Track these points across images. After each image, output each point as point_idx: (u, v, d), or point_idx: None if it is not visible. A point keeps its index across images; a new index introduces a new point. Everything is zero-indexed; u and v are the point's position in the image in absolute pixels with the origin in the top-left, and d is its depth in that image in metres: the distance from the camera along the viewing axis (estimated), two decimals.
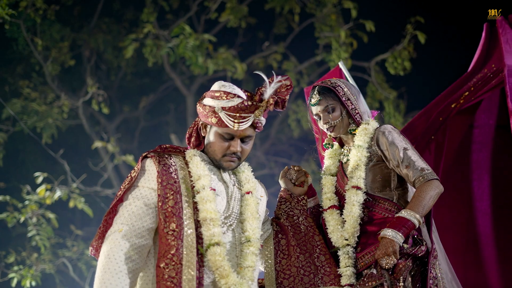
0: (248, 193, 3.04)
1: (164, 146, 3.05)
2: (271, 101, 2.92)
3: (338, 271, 3.28)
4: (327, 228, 3.44)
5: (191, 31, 8.18)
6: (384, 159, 3.41)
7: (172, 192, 2.84)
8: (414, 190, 3.34)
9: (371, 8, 9.76)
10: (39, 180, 8.06)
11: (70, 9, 10.38)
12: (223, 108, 2.89)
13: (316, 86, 3.57)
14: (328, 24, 9.22)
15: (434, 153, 4.25)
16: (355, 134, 3.49)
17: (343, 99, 3.48)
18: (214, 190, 2.91)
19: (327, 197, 3.51)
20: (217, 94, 2.93)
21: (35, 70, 10.03)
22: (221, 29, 10.43)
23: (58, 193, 8.18)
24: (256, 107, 2.92)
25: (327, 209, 3.48)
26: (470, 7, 9.17)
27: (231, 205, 2.99)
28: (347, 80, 4.26)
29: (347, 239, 3.33)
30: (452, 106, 4.16)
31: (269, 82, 2.94)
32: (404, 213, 3.21)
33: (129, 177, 2.92)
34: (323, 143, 3.67)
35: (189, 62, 8.48)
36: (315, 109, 3.55)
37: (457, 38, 9.73)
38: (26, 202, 8.29)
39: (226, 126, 2.92)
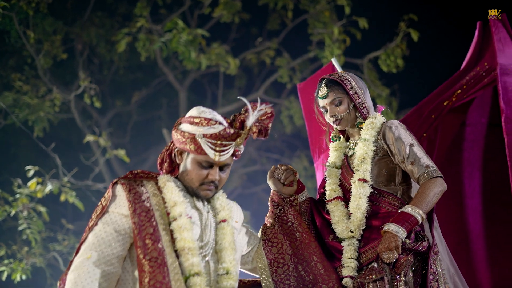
0: (223, 221, 2.93)
1: (135, 172, 2.93)
2: (255, 129, 2.82)
3: (341, 262, 3.29)
4: (331, 219, 3.45)
5: (184, 26, 8.16)
6: (390, 154, 3.43)
7: (147, 220, 2.72)
8: (418, 186, 3.35)
9: (365, 5, 9.76)
10: (30, 173, 8.03)
11: (63, 2, 10.34)
12: (204, 135, 2.77)
13: (324, 79, 3.56)
14: (321, 21, 9.23)
15: (426, 150, 4.27)
16: (361, 127, 3.49)
17: (351, 92, 3.48)
18: (191, 217, 2.81)
19: (332, 189, 3.52)
20: (197, 120, 2.80)
21: (27, 63, 9.99)
22: (215, 24, 10.42)
23: (49, 187, 8.15)
24: (238, 134, 2.80)
25: (332, 200, 3.49)
26: (463, 5, 9.20)
27: (206, 233, 2.88)
28: None
29: (352, 231, 3.34)
30: (445, 104, 4.17)
31: (252, 109, 2.83)
32: (408, 209, 3.22)
33: (100, 205, 2.81)
34: (331, 136, 3.67)
35: (182, 57, 8.46)
36: (322, 102, 3.55)
37: (450, 36, 9.75)
38: (17, 196, 8.25)
39: (205, 154, 2.79)
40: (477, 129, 4.63)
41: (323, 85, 3.53)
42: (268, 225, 3.34)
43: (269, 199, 3.48)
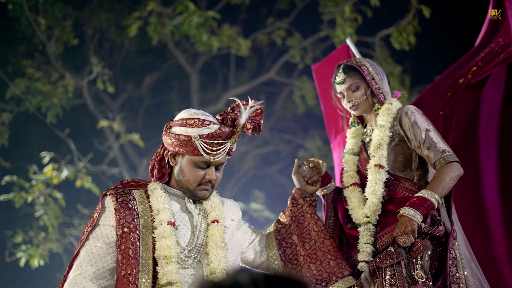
0: (214, 221, 2.93)
1: (126, 181, 2.97)
2: (249, 125, 2.86)
3: (358, 247, 3.29)
4: (348, 205, 3.46)
5: (195, 9, 8.13)
6: (406, 140, 3.43)
7: (129, 231, 2.75)
8: (434, 171, 3.35)
9: None
10: (46, 160, 8.08)
11: None
12: (200, 136, 2.80)
13: (341, 65, 3.56)
14: (332, 0, 9.16)
15: (442, 128, 4.25)
16: (378, 113, 3.49)
17: (368, 78, 3.48)
18: (173, 224, 2.82)
19: (349, 175, 3.53)
20: (190, 122, 2.83)
21: (38, 49, 10.01)
22: (224, 6, 10.38)
23: (65, 173, 8.20)
24: (232, 133, 2.85)
25: (349, 186, 3.50)
26: None
27: (196, 236, 2.89)
28: (355, 57, 4.25)
29: (368, 217, 3.35)
30: (460, 81, 4.14)
31: (244, 106, 2.88)
32: (424, 193, 3.22)
33: (91, 218, 2.84)
34: (349, 122, 3.67)
35: (193, 40, 8.45)
36: (339, 88, 3.55)
37: (462, 12, 9.66)
38: (33, 182, 8.31)
39: (202, 155, 2.82)
40: (492, 106, 4.61)
41: (340, 71, 3.53)
42: (283, 222, 3.34)
43: (290, 196, 3.47)
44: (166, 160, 2.95)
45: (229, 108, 2.93)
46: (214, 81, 12.04)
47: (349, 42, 4.28)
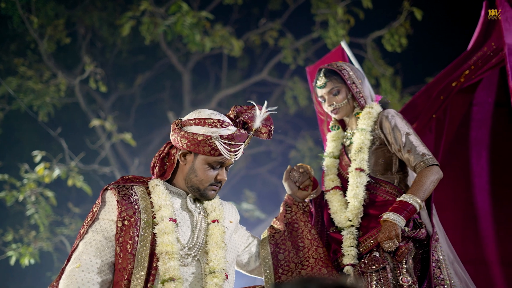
0: (214, 221, 2.94)
1: (127, 177, 2.96)
2: (264, 130, 2.93)
3: (342, 251, 3.33)
4: (329, 209, 3.49)
5: (188, 9, 8.14)
6: (387, 143, 3.46)
7: (129, 225, 2.75)
8: (415, 174, 3.39)
9: None
10: (38, 158, 8.06)
11: None
12: (220, 137, 2.81)
13: (322, 69, 3.60)
14: (324, 1, 9.20)
15: (435, 131, 4.29)
16: (359, 117, 3.53)
17: (348, 82, 3.52)
18: (175, 221, 2.82)
19: (330, 179, 3.56)
20: (210, 122, 2.83)
21: (30, 48, 9.98)
22: (217, 6, 10.39)
23: (56, 172, 8.19)
24: (247, 135, 2.90)
25: (330, 189, 3.52)
26: None
27: (196, 234, 2.89)
28: (349, 59, 4.29)
29: (350, 220, 3.38)
30: (453, 84, 4.18)
31: (259, 110, 2.93)
32: (406, 197, 3.25)
33: (91, 212, 2.82)
34: (329, 126, 3.71)
35: (186, 40, 8.46)
36: (320, 91, 3.59)
37: (454, 15, 9.72)
38: (25, 181, 8.29)
39: (220, 155, 2.84)
40: (484, 109, 4.65)
41: (321, 75, 3.58)
42: (276, 228, 3.35)
43: (283, 202, 3.47)
44: (173, 159, 2.94)
45: (233, 110, 2.94)
46: (206, 81, 12.05)
47: (343, 44, 4.31)
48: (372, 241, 3.31)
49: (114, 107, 11.39)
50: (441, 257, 3.34)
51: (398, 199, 3.28)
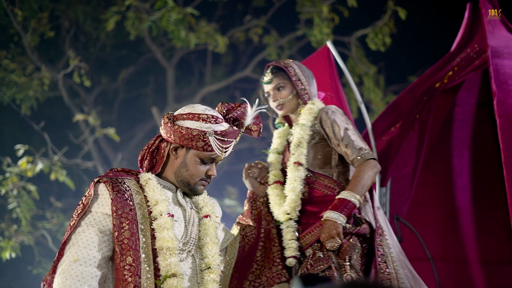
0: (206, 216, 2.93)
1: (116, 170, 2.90)
2: (255, 127, 2.95)
3: (283, 244, 3.38)
4: (269, 203, 3.55)
5: (173, 5, 8.14)
6: (326, 138, 3.52)
7: (128, 222, 2.69)
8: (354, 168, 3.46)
9: None
10: (20, 152, 8.03)
11: None
12: (214, 132, 2.81)
13: (270, 66, 3.68)
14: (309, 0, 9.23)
15: (418, 131, 4.35)
16: (300, 113, 3.59)
17: (294, 79, 3.59)
18: (173, 216, 2.78)
19: (273, 174, 3.62)
20: (204, 117, 2.82)
21: (13, 40, 9.91)
22: (201, 1, 10.38)
23: (39, 166, 8.16)
24: (238, 132, 2.91)
25: (271, 184, 3.58)
26: None
27: (189, 230, 2.87)
28: (335, 59, 4.33)
29: (288, 213, 3.42)
30: (437, 85, 4.23)
31: (250, 108, 2.95)
32: (344, 194, 3.32)
33: (81, 204, 2.75)
34: (275, 123, 3.77)
35: (171, 36, 8.46)
36: (266, 87, 3.67)
37: (438, 15, 9.80)
38: (7, 175, 8.25)
39: (212, 150, 2.83)
40: (466, 109, 4.72)
41: (268, 71, 3.66)
42: (244, 224, 3.44)
43: (247, 199, 3.56)
44: (163, 152, 2.91)
45: (221, 107, 2.95)
46: (189, 77, 12.04)
47: (329, 44, 4.35)
48: (311, 237, 3.37)
49: (97, 102, 11.36)
50: (387, 250, 3.39)
51: (337, 196, 3.34)
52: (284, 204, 3.45)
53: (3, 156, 8.79)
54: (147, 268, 2.67)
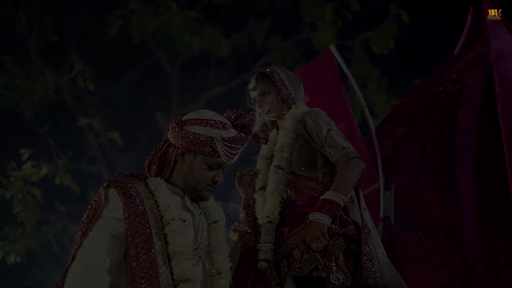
0: (215, 222, 2.92)
1: (124, 174, 2.90)
2: (263, 135, 2.95)
3: (257, 246, 3.36)
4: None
5: (177, 9, 8.16)
6: (310, 140, 3.51)
7: (141, 226, 2.69)
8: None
9: None
10: (25, 156, 8.04)
11: None
12: (222, 139, 2.79)
13: (255, 73, 3.68)
14: (313, 3, 9.24)
15: (422, 135, 4.35)
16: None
17: (278, 84, 3.58)
18: (184, 221, 2.77)
19: (260, 179, 3.60)
20: (212, 123, 2.82)
21: (17, 45, 9.94)
22: (205, 5, 10.39)
23: (44, 170, 8.18)
24: (246, 139, 2.89)
25: (258, 190, 3.58)
26: None
27: (199, 235, 2.86)
28: (338, 64, 4.34)
29: (268, 217, 3.42)
30: (440, 89, 4.23)
31: (258, 115, 2.94)
32: (328, 194, 3.30)
33: (91, 209, 2.74)
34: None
35: (175, 40, 8.47)
36: (252, 94, 3.67)
37: (441, 19, 9.79)
38: (12, 179, 8.27)
39: (219, 156, 2.81)
40: (469, 112, 4.71)
41: (253, 78, 3.66)
42: (243, 231, 3.44)
43: (243, 206, 3.56)
44: (171, 157, 2.90)
45: (230, 113, 2.95)
46: (193, 81, 12.03)
47: (333, 49, 4.35)
48: (297, 238, 3.35)
49: (101, 106, 11.37)
50: (372, 250, 3.37)
51: (321, 197, 3.32)
52: (264, 208, 3.47)
53: (8, 160, 8.81)
54: (166, 272, 2.67)
